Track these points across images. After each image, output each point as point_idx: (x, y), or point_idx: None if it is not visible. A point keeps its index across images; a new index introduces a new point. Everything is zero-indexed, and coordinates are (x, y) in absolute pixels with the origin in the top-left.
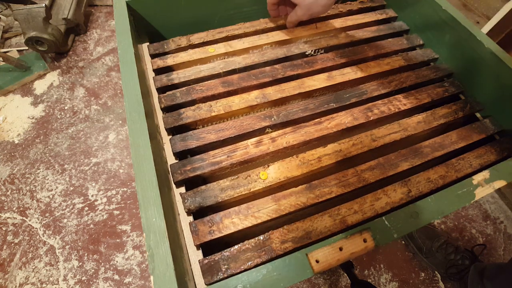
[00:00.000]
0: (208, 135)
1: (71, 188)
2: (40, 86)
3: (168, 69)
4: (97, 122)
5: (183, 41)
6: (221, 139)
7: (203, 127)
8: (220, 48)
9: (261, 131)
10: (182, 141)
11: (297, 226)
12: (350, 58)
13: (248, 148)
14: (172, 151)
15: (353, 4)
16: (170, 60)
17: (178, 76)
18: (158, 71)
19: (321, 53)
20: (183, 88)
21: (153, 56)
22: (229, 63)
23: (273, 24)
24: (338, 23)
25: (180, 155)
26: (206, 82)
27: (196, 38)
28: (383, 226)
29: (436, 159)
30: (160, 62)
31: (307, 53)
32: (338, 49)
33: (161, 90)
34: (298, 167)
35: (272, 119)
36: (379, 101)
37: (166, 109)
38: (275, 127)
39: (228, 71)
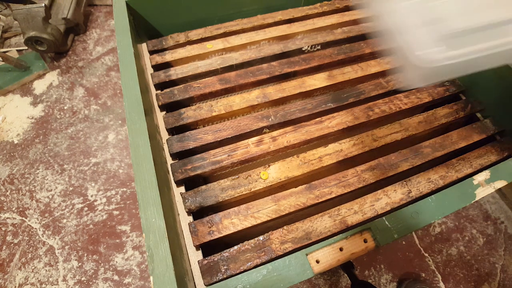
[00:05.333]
0: (205, 135)
1: (71, 188)
2: (39, 86)
3: (167, 65)
4: (97, 122)
5: (181, 37)
6: (218, 139)
7: (203, 126)
8: (218, 44)
9: (258, 132)
10: (179, 142)
11: (297, 226)
12: (347, 55)
13: (249, 147)
14: (169, 152)
15: None
16: (168, 56)
17: (175, 72)
18: (157, 67)
19: (317, 49)
20: (181, 86)
21: (151, 52)
22: (226, 59)
23: (271, 20)
24: (334, 18)
25: (178, 156)
26: (203, 80)
27: (194, 34)
28: (384, 227)
29: (437, 159)
30: (158, 58)
31: (303, 49)
32: (335, 45)
33: (159, 86)
34: (299, 167)
35: (270, 119)
36: (380, 100)
37: (163, 107)
38: (272, 127)
39: (225, 67)
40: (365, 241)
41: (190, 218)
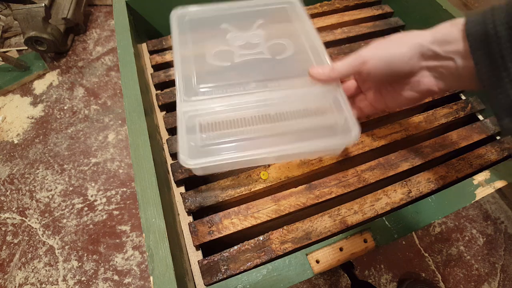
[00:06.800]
0: None
1: (71, 188)
2: (39, 86)
3: (167, 65)
4: (97, 122)
5: None
6: None
7: None
8: None
9: None
10: None
11: (297, 226)
12: (346, 55)
13: None
14: (169, 152)
15: None
16: (168, 56)
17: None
18: (157, 67)
19: None
20: None
21: (151, 52)
22: None
23: None
24: (334, 18)
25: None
26: None
27: None
28: (384, 227)
29: (437, 159)
30: (158, 58)
31: None
32: (335, 45)
33: (159, 86)
34: (299, 167)
35: None
36: None
37: (163, 107)
38: None
39: None
40: (365, 241)
41: (190, 218)
